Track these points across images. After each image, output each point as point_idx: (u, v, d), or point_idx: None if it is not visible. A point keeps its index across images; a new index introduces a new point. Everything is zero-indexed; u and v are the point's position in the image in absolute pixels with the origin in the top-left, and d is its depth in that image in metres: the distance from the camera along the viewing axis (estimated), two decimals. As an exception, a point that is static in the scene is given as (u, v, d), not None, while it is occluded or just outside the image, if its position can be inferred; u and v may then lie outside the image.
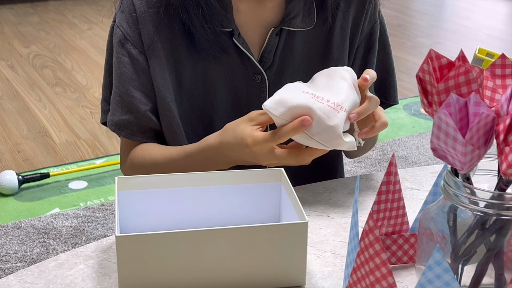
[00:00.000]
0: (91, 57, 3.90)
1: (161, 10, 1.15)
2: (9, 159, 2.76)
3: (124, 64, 1.18)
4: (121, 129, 1.20)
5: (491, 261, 0.78)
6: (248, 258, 0.87)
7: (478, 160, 0.73)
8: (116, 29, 1.19)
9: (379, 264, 0.72)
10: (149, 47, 1.16)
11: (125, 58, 1.18)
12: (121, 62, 1.18)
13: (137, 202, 0.97)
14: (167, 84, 1.17)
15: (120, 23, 1.18)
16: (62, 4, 5.00)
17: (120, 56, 1.18)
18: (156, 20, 1.16)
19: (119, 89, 1.19)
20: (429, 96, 0.79)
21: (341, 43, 1.21)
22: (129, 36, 1.17)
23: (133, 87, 1.18)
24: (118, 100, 1.19)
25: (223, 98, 1.21)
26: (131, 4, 1.17)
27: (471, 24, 4.78)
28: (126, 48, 1.18)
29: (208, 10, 1.13)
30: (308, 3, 1.19)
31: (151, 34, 1.16)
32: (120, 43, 1.18)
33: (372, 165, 2.76)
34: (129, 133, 1.20)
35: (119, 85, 1.19)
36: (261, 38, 1.20)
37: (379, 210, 0.90)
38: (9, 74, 3.65)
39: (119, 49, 1.18)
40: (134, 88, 1.18)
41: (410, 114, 3.28)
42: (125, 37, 1.18)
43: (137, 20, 1.16)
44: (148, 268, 0.85)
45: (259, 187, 0.99)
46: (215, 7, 1.14)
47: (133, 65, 1.18)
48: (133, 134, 1.20)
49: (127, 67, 1.18)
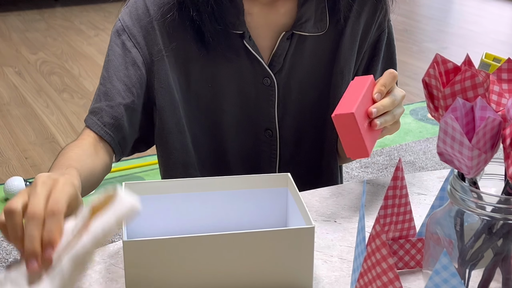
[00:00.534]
0: (98, 63, 3.92)
1: (174, 11, 1.15)
2: (17, 165, 2.77)
3: (114, 53, 1.17)
4: (91, 117, 1.14)
5: (498, 265, 0.77)
6: (255, 263, 0.87)
7: (484, 165, 0.73)
8: (116, 22, 1.19)
9: (386, 269, 0.72)
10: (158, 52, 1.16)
11: (117, 48, 1.17)
12: (112, 50, 1.18)
13: (144, 207, 0.97)
14: (168, 91, 1.17)
15: (122, 16, 1.18)
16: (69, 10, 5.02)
17: (113, 44, 1.18)
18: (169, 24, 1.15)
19: (102, 77, 1.18)
20: (435, 101, 0.79)
21: (349, 50, 1.21)
22: (128, 29, 1.17)
23: (117, 77, 1.16)
24: (98, 87, 1.17)
25: (231, 100, 1.21)
26: (145, 7, 1.17)
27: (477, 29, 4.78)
28: (121, 38, 1.17)
29: (218, 7, 1.13)
30: (321, 8, 1.19)
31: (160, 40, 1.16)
32: (117, 33, 1.18)
33: (379, 170, 2.75)
34: (95, 123, 1.13)
35: (104, 72, 1.18)
36: (272, 42, 1.20)
37: (386, 215, 0.89)
38: (17, 80, 3.67)
39: (113, 38, 1.18)
40: (117, 78, 1.16)
41: (417, 119, 3.28)
42: (123, 28, 1.17)
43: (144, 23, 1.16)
44: (155, 273, 0.85)
45: (266, 192, 0.99)
46: (227, 8, 1.14)
47: (124, 56, 1.17)
48: (100, 123, 1.13)
49: (116, 56, 1.17)
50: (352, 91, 1.00)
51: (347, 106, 0.96)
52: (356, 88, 1.01)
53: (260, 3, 1.18)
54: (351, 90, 1.01)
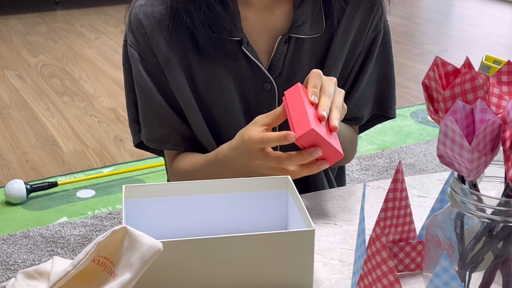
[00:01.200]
0: (99, 66, 3.92)
1: (168, 19, 1.15)
2: (17, 168, 2.77)
3: (147, 81, 1.19)
4: (165, 142, 1.21)
5: (499, 268, 0.77)
6: (255, 266, 0.87)
7: (484, 167, 0.73)
8: (130, 49, 1.20)
9: (386, 272, 0.72)
10: (164, 61, 1.17)
11: (145, 76, 1.18)
12: (144, 79, 1.19)
13: (144, 210, 0.97)
14: (187, 92, 1.18)
15: (132, 42, 1.19)
16: (70, 13, 5.02)
17: (142, 73, 1.19)
18: (166, 33, 1.16)
19: (149, 106, 1.20)
20: (435, 103, 0.79)
21: (339, 50, 1.21)
22: (144, 53, 1.18)
23: (162, 100, 1.19)
24: (153, 116, 1.20)
25: (233, 106, 1.21)
26: (139, 22, 1.17)
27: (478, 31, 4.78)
28: (143, 65, 1.18)
29: (210, 14, 1.13)
30: (316, 10, 1.19)
31: (163, 49, 1.16)
32: (138, 61, 1.19)
33: (380, 173, 2.75)
34: (173, 145, 1.21)
35: (148, 101, 1.19)
36: (269, 46, 1.20)
37: (386, 218, 0.89)
38: (18, 83, 3.67)
39: (139, 67, 1.19)
40: (162, 101, 1.19)
41: (417, 121, 3.28)
42: (140, 55, 1.18)
43: (147, 38, 1.17)
44: (155, 276, 0.85)
45: (266, 195, 0.99)
46: (218, 12, 1.14)
47: (153, 80, 1.18)
48: (177, 144, 1.21)
49: (150, 83, 1.19)
50: (293, 106, 1.00)
51: (301, 124, 0.97)
52: (294, 102, 1.01)
53: (255, 8, 1.18)
54: (291, 106, 1.01)
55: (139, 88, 1.20)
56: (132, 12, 1.19)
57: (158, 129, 1.20)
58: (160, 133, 1.20)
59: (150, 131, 1.21)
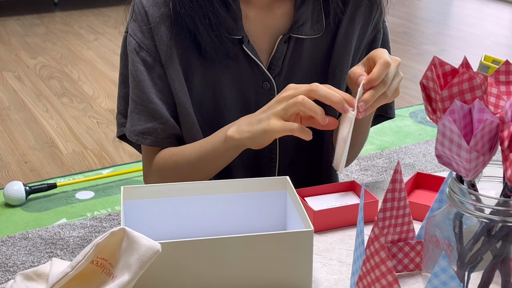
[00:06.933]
0: (98, 68, 3.92)
1: (171, 18, 1.15)
2: (16, 170, 2.77)
3: (141, 72, 1.18)
4: (145, 137, 1.19)
5: (497, 267, 0.77)
6: (254, 266, 0.87)
7: (483, 167, 0.73)
8: (129, 38, 1.19)
9: (385, 272, 0.72)
10: (166, 54, 1.16)
11: (141, 67, 1.18)
12: (138, 70, 1.18)
13: (143, 211, 0.97)
14: (184, 91, 1.18)
15: (133, 32, 1.18)
16: (68, 15, 5.02)
17: (137, 64, 1.18)
18: (169, 28, 1.16)
19: (139, 97, 1.18)
20: (433, 103, 0.79)
21: (343, 51, 1.21)
22: (144, 44, 1.17)
23: (153, 94, 1.18)
24: (141, 108, 1.19)
25: (232, 105, 1.21)
26: (144, 12, 1.17)
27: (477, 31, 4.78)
28: (141, 56, 1.18)
29: (215, 19, 1.13)
30: (317, 10, 1.19)
31: (165, 42, 1.16)
32: (135, 51, 1.18)
33: (379, 173, 2.75)
34: (153, 141, 1.19)
35: (139, 93, 1.18)
36: (269, 45, 1.20)
37: (385, 218, 0.89)
38: (16, 85, 3.67)
39: (134, 57, 1.18)
40: (153, 95, 1.18)
41: (416, 121, 3.28)
42: (139, 45, 1.18)
43: (151, 29, 1.16)
44: (154, 277, 0.85)
45: (265, 196, 0.99)
46: (223, 16, 1.14)
47: (149, 72, 1.18)
48: (158, 141, 1.19)
49: (144, 75, 1.18)
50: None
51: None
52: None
53: (256, 7, 1.18)
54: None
55: (132, 79, 1.19)
56: (136, 1, 1.18)
57: (143, 122, 1.18)
58: (144, 127, 1.19)
59: (134, 124, 1.19)
